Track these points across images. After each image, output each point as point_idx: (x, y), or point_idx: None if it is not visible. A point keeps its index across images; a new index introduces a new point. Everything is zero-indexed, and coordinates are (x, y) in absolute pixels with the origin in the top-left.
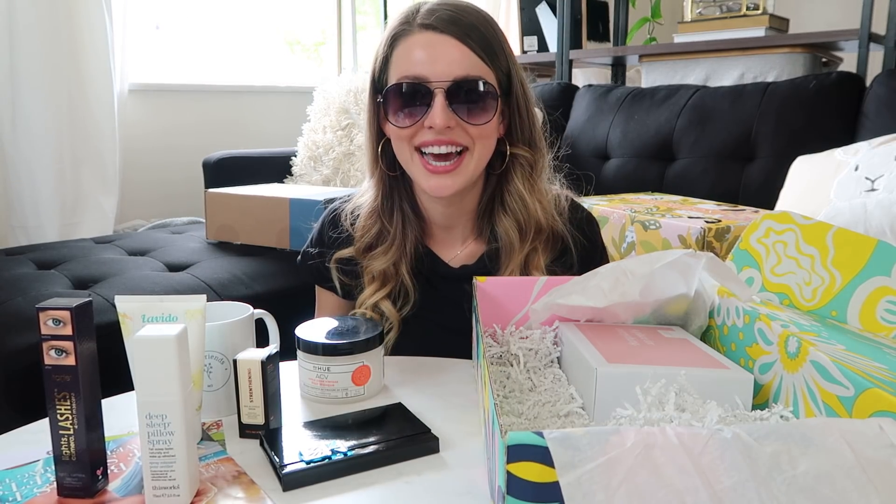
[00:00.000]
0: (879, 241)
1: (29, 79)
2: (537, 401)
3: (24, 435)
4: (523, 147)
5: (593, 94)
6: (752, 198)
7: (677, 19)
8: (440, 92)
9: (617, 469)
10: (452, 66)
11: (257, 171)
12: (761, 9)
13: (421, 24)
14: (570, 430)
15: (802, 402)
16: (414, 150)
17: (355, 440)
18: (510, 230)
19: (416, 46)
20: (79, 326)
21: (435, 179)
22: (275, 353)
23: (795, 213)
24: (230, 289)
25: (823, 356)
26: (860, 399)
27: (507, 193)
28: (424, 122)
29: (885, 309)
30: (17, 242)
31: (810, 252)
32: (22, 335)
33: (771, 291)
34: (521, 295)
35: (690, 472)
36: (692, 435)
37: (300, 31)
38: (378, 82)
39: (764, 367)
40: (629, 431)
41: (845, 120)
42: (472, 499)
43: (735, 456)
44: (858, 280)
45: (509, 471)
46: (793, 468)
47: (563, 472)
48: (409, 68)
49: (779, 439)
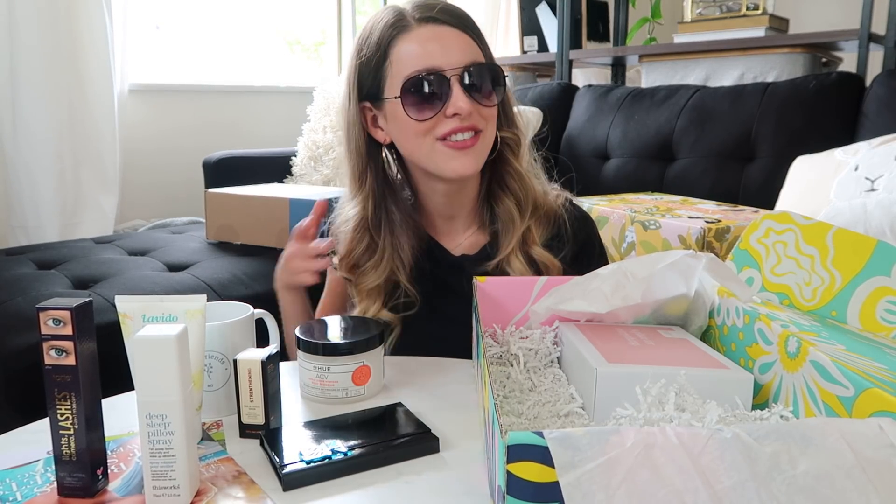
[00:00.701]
0: (879, 242)
1: (29, 79)
2: (537, 401)
3: (24, 435)
4: (508, 129)
5: (593, 94)
6: (752, 198)
7: (677, 19)
8: (457, 79)
9: (617, 469)
10: (462, 54)
11: (257, 171)
12: (761, 9)
13: (421, 19)
14: (570, 430)
15: (802, 402)
16: (435, 141)
17: (355, 440)
18: (511, 208)
19: (424, 39)
20: (79, 326)
21: (458, 160)
22: (275, 352)
23: (795, 213)
24: (230, 289)
25: (823, 356)
26: (860, 399)
27: (504, 174)
28: (446, 110)
29: (885, 309)
30: (17, 242)
31: (810, 252)
32: (22, 335)
33: (771, 291)
34: (522, 295)
35: (690, 472)
36: (692, 435)
37: (300, 31)
38: (371, 87)
39: (764, 367)
40: (629, 431)
41: (845, 120)
42: (472, 499)
43: (735, 456)
44: (858, 280)
45: (509, 470)
46: (793, 468)
47: (562, 471)
48: (423, 61)
49: (778, 439)
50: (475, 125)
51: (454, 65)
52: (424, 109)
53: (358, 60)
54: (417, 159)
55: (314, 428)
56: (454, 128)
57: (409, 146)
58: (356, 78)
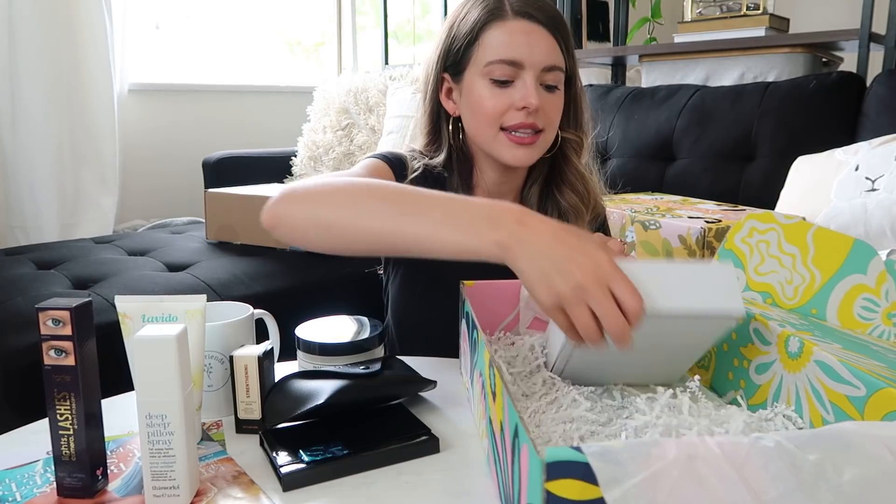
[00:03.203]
0: (856, 240)
1: (29, 79)
2: (536, 408)
3: (24, 435)
4: (572, 131)
5: (593, 94)
6: (752, 198)
7: (677, 19)
8: (533, 76)
9: (663, 483)
10: (545, 55)
11: (257, 171)
12: (761, 9)
13: (518, 12)
14: (608, 443)
15: (806, 402)
16: (499, 130)
17: (355, 440)
18: (578, 203)
19: (516, 32)
20: (79, 326)
21: (518, 150)
22: (270, 348)
23: (778, 212)
24: (230, 289)
25: (829, 356)
26: (873, 399)
27: (568, 173)
28: (515, 102)
29: (862, 306)
30: (16, 242)
31: (791, 251)
32: (22, 335)
33: (755, 290)
34: (510, 299)
35: (736, 483)
36: (733, 444)
37: (300, 32)
38: (454, 61)
39: (761, 367)
40: (670, 443)
41: (845, 120)
42: (472, 499)
43: (779, 465)
44: (837, 278)
45: (548, 489)
46: (838, 476)
47: (607, 488)
48: (509, 51)
49: (819, 445)
50: (536, 124)
51: (535, 63)
52: (498, 96)
53: (450, 33)
54: (480, 141)
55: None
56: (521, 122)
57: (475, 126)
58: (444, 48)
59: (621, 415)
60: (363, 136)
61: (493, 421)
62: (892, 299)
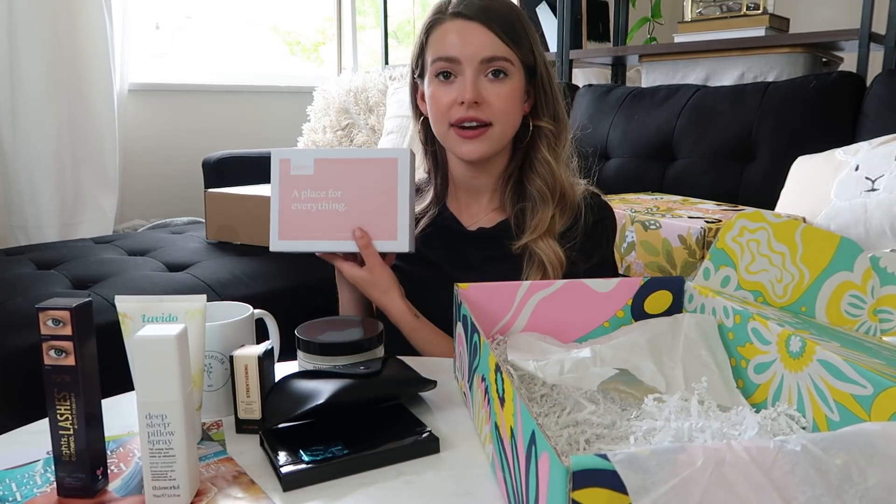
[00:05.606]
0: (842, 238)
1: (29, 79)
2: (538, 412)
3: (24, 435)
4: (547, 120)
5: (593, 94)
6: (752, 198)
7: (677, 19)
8: (469, 70)
9: (693, 490)
10: (479, 47)
11: (257, 171)
12: (761, 9)
13: (452, 13)
14: (634, 450)
15: (809, 401)
16: (449, 126)
17: (355, 440)
18: (542, 188)
19: (449, 32)
20: (79, 326)
21: (466, 145)
22: (270, 348)
23: (767, 211)
24: (230, 289)
25: (833, 355)
26: (880, 398)
27: (535, 161)
28: (457, 98)
29: (849, 303)
30: (16, 242)
31: (781, 250)
32: (22, 335)
33: (746, 289)
34: (505, 300)
35: (766, 488)
36: (760, 449)
37: (300, 32)
38: (417, 66)
39: (760, 366)
40: (696, 449)
41: (845, 120)
42: (472, 499)
43: (806, 469)
44: (825, 276)
45: (575, 499)
46: (864, 480)
47: (636, 496)
48: (444, 50)
49: (844, 448)
50: (479, 117)
51: (470, 56)
52: (442, 95)
53: (416, 41)
54: (440, 139)
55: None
56: (463, 116)
57: (433, 124)
58: (413, 56)
59: (624, 416)
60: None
61: (501, 427)
62: (878, 295)
